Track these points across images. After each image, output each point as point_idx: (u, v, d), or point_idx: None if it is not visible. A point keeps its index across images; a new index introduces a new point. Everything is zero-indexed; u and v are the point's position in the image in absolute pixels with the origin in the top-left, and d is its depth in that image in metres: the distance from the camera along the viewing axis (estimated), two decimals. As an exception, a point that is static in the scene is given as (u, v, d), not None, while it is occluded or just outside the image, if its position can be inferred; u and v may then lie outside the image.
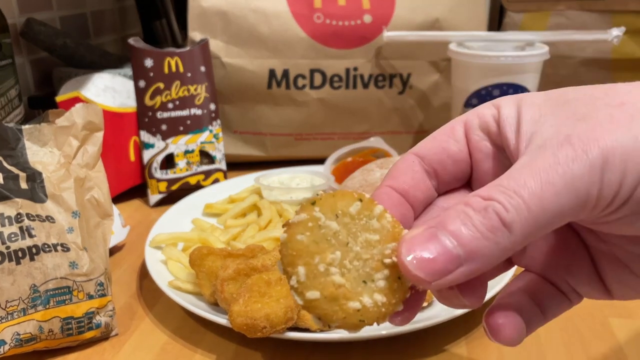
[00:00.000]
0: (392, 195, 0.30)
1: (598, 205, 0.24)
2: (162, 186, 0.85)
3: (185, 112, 0.86)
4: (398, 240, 0.26)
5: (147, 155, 0.84)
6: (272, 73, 0.90)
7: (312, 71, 0.91)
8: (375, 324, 0.26)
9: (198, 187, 0.87)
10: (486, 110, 0.30)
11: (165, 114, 0.85)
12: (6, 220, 0.53)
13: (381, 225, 0.26)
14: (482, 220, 0.24)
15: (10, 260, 0.52)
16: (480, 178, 0.31)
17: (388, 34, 0.87)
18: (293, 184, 0.81)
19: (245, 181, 0.85)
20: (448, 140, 0.31)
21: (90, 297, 0.54)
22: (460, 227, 0.24)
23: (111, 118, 0.81)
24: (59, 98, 0.81)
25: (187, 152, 0.86)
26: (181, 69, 0.85)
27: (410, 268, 0.24)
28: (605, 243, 0.30)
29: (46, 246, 0.53)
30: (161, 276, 0.61)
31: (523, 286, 0.31)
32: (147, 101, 0.84)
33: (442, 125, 0.32)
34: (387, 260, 0.26)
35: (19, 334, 0.51)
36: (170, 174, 0.85)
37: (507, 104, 0.29)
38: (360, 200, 0.26)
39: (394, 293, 0.26)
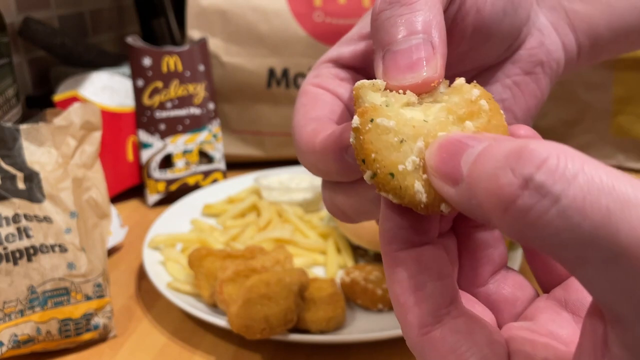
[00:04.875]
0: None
1: None
2: (161, 186, 0.84)
3: (183, 112, 0.85)
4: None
5: (145, 155, 0.84)
6: (271, 72, 0.90)
7: (312, 70, 0.90)
8: None
9: (197, 187, 0.86)
10: None
11: (164, 113, 0.84)
12: (3, 221, 0.52)
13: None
14: None
15: (7, 261, 0.51)
16: None
17: (388, 33, 0.87)
18: (292, 184, 0.80)
19: (244, 181, 0.85)
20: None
21: (88, 298, 0.54)
22: None
23: (109, 117, 0.80)
24: (56, 97, 0.81)
25: (185, 151, 0.86)
26: (180, 68, 0.85)
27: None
28: None
29: (44, 247, 0.53)
30: (160, 277, 0.60)
31: None
32: (146, 100, 0.83)
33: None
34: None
35: (16, 336, 0.50)
36: (169, 174, 0.85)
37: None
38: None
39: None
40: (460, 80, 0.25)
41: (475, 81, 0.25)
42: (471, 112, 0.24)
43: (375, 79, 0.26)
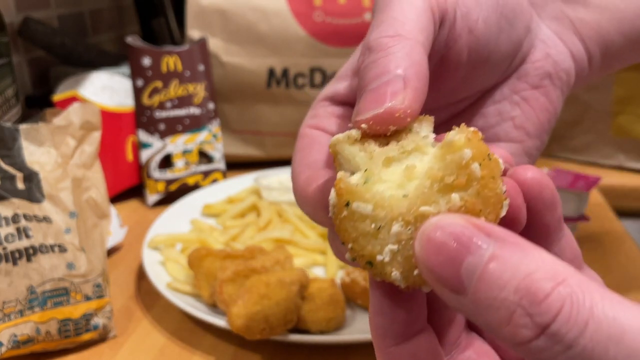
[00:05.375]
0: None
1: None
2: (160, 186, 0.84)
3: (183, 112, 0.85)
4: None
5: (145, 154, 0.84)
6: (271, 72, 0.90)
7: (312, 70, 0.90)
8: None
9: (196, 187, 0.86)
10: None
11: (164, 113, 0.84)
12: (3, 221, 0.52)
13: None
14: None
15: (7, 261, 0.51)
16: None
17: (388, 33, 0.87)
18: (292, 184, 0.80)
19: (244, 181, 0.84)
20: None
21: (88, 298, 0.54)
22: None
23: (109, 117, 0.80)
24: (56, 97, 0.81)
25: (185, 151, 0.86)
26: (179, 68, 0.85)
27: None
28: None
29: (43, 247, 0.53)
30: (159, 277, 0.60)
31: None
32: (145, 100, 0.83)
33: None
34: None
35: (16, 336, 0.50)
36: (169, 174, 0.85)
37: None
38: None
39: None
40: (451, 136, 0.22)
41: (474, 128, 0.23)
42: (459, 183, 0.22)
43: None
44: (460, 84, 0.35)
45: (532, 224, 0.25)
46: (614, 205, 0.82)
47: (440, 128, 0.38)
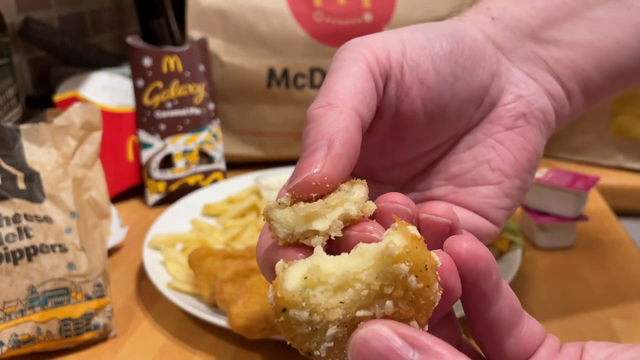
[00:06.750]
0: None
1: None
2: (161, 186, 0.84)
3: (184, 112, 0.85)
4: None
5: (145, 155, 0.84)
6: (271, 72, 0.90)
7: (312, 70, 0.90)
8: None
9: (197, 187, 0.86)
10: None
11: (164, 114, 0.84)
12: (4, 221, 0.52)
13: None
14: None
15: (8, 261, 0.51)
16: None
17: (388, 33, 0.87)
18: (292, 183, 0.80)
19: (244, 181, 0.85)
20: None
21: (89, 298, 0.54)
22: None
23: (109, 118, 0.80)
24: (57, 97, 0.81)
25: (185, 151, 0.86)
26: (180, 68, 0.85)
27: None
28: None
29: (44, 247, 0.53)
30: (160, 277, 0.60)
31: None
32: (146, 100, 0.84)
33: None
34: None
35: (16, 335, 0.50)
36: (169, 174, 0.85)
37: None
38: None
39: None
40: (390, 249, 0.23)
41: (414, 231, 0.24)
42: (396, 295, 0.23)
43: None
44: (424, 133, 0.36)
45: (469, 292, 0.27)
46: (613, 205, 0.82)
47: (418, 178, 0.39)
